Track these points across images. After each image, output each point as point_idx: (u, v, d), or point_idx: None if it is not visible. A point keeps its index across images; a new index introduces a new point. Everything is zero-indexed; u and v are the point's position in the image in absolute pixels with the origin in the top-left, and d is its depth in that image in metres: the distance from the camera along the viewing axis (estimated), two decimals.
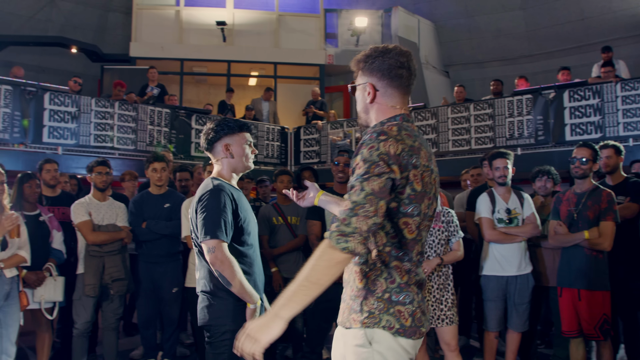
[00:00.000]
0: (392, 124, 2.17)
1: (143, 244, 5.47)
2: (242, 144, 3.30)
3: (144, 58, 14.93)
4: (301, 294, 1.99)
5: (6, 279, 4.33)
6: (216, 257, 3.03)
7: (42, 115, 9.50)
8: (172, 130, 11.06)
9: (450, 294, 4.59)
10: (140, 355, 6.18)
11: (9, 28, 14.84)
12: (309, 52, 15.93)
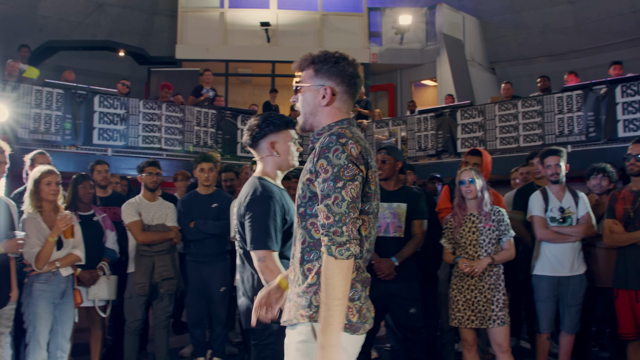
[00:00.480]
0: (343, 127, 2.20)
1: (191, 243, 5.51)
2: (288, 141, 3.22)
3: (189, 60, 15.14)
4: (337, 314, 2.00)
5: (62, 277, 4.42)
6: (266, 267, 2.99)
7: (92, 117, 9.70)
8: (219, 131, 11.16)
9: (501, 294, 4.49)
10: (189, 353, 6.24)
11: (60, 33, 15.21)
12: (352, 51, 15.62)
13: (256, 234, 3.03)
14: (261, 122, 3.22)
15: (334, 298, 2.00)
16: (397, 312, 4.73)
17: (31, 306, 4.31)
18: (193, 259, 5.49)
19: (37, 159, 5.28)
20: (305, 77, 2.35)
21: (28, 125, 9.10)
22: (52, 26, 15.25)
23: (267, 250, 3.00)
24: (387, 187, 4.90)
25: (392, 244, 4.73)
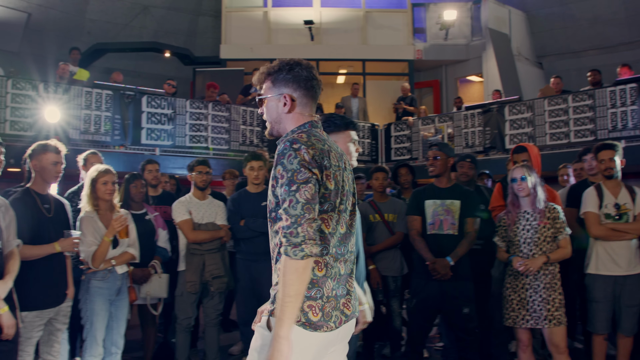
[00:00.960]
0: (301, 132, 2.33)
1: (241, 241, 5.50)
2: (347, 142, 3.24)
3: (234, 60, 15.24)
4: (288, 310, 2.13)
5: (117, 275, 4.47)
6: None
7: (140, 117, 9.87)
8: (264, 129, 11.15)
9: (557, 294, 4.37)
10: (239, 351, 6.26)
11: (107, 36, 15.51)
12: (397, 48, 15.74)
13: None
14: (323, 122, 3.18)
15: (286, 295, 2.13)
16: (450, 312, 4.68)
17: (89, 303, 4.38)
18: (243, 257, 5.49)
19: (89, 159, 5.36)
20: (265, 89, 2.46)
21: (79, 126, 9.29)
22: (99, 29, 15.54)
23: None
24: (440, 184, 4.86)
25: (446, 242, 4.70)
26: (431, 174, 4.92)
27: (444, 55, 16.02)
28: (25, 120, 8.91)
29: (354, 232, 2.46)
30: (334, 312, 2.28)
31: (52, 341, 4.07)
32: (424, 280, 4.74)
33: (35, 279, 3.79)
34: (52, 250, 3.90)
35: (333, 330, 2.27)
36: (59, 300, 4.00)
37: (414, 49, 15.78)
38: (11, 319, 3.35)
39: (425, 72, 16.75)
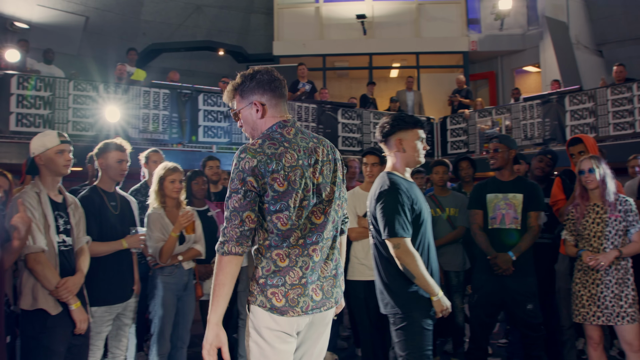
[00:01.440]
0: (260, 137, 2.50)
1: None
2: (415, 139, 3.44)
3: (286, 56, 15.25)
4: (215, 297, 2.38)
5: (184, 270, 4.52)
6: (402, 252, 3.26)
7: (197, 115, 9.98)
8: (320, 125, 11.19)
9: (630, 290, 4.19)
10: None
11: (161, 36, 15.76)
12: (451, 40, 15.51)
13: (388, 224, 3.30)
14: (392, 120, 3.48)
15: (215, 285, 2.39)
16: (513, 309, 4.57)
17: (157, 298, 4.44)
18: None
19: (151, 157, 5.44)
20: (236, 103, 2.64)
21: (137, 125, 9.45)
22: (154, 30, 15.82)
23: (399, 238, 3.27)
24: (502, 177, 4.77)
25: (508, 237, 4.60)
26: (492, 167, 4.81)
27: (499, 45, 15.69)
28: (86, 121, 9.12)
29: (330, 220, 2.58)
30: (300, 298, 2.46)
31: (120, 336, 4.14)
32: (485, 275, 4.65)
33: (104, 275, 3.86)
34: (120, 246, 3.97)
35: (300, 315, 2.47)
36: (127, 296, 4.06)
37: (469, 40, 15.52)
38: (83, 314, 3.42)
39: (480, 63, 16.46)
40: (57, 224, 3.41)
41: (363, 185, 5.24)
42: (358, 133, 11.69)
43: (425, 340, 3.34)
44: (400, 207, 3.30)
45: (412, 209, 3.36)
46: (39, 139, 3.49)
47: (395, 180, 3.40)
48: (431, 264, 3.45)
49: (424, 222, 3.44)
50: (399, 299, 3.38)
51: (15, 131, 8.65)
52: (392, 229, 3.28)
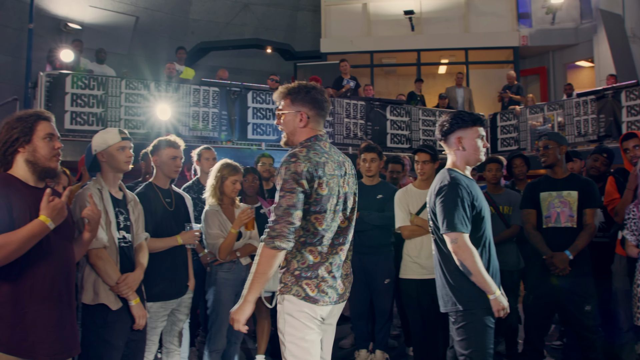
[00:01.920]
0: (303, 146, 2.84)
1: (355, 234, 5.46)
2: (475, 137, 3.43)
3: (334, 53, 15.25)
4: (256, 282, 2.74)
5: (242, 266, 4.56)
6: (459, 247, 3.24)
7: (246, 113, 10.05)
8: (368, 122, 11.14)
9: None
10: (349, 344, 6.23)
11: (210, 35, 15.95)
12: (501, 35, 15.27)
13: (446, 218, 3.29)
14: (451, 118, 3.48)
15: (257, 272, 2.73)
16: (570, 310, 4.43)
17: (215, 294, 4.49)
18: (356, 250, 5.43)
19: (203, 154, 5.48)
20: (284, 105, 2.95)
21: (188, 122, 9.57)
22: (202, 28, 16.02)
23: (458, 233, 3.25)
24: (554, 175, 4.64)
25: (564, 235, 4.47)
26: (544, 164, 4.70)
27: (550, 40, 15.38)
28: (138, 119, 9.27)
29: (352, 225, 2.99)
30: (329, 289, 2.83)
31: (174, 331, 4.19)
32: (541, 276, 4.52)
33: (159, 271, 3.89)
34: (175, 242, 4.00)
35: (328, 305, 2.84)
36: (181, 292, 4.09)
37: (519, 35, 15.25)
38: (142, 309, 3.46)
39: (531, 58, 16.16)
40: (118, 221, 3.45)
41: (416, 183, 5.19)
42: (407, 130, 11.59)
43: (487, 338, 3.30)
44: (460, 202, 3.29)
45: (472, 205, 3.34)
46: (100, 135, 3.54)
47: (455, 176, 3.38)
48: (492, 263, 3.42)
49: (484, 220, 3.40)
50: (460, 296, 3.33)
51: (69, 129, 8.85)
52: (451, 223, 3.27)
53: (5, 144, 2.72)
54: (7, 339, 2.52)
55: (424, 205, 4.97)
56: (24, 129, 2.73)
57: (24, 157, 2.74)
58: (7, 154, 2.73)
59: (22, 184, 2.71)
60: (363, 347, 5.59)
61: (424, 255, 4.88)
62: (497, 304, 3.27)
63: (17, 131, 2.72)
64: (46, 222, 2.59)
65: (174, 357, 4.21)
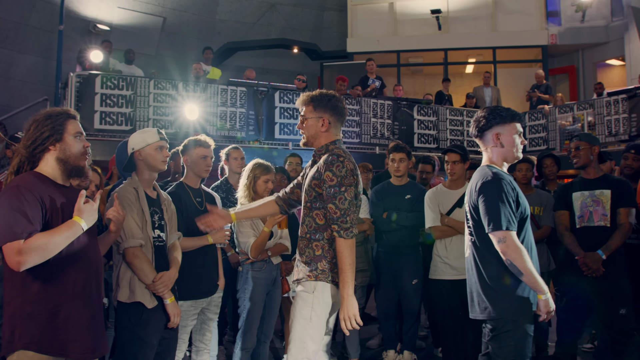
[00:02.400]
0: (337, 148, 3.17)
1: (383, 234, 5.45)
2: (513, 134, 3.32)
3: (360, 53, 15.22)
4: (349, 274, 2.93)
5: (273, 265, 4.58)
6: (507, 246, 3.08)
7: (273, 113, 10.06)
8: (395, 122, 11.10)
9: None
10: (376, 345, 6.22)
11: (236, 35, 16.01)
12: (529, 33, 15.10)
13: (492, 215, 3.14)
14: (488, 114, 3.37)
15: (346, 264, 2.94)
16: (604, 313, 4.35)
17: (247, 292, 4.51)
18: (385, 250, 5.43)
19: (231, 154, 5.49)
20: (307, 111, 3.24)
21: (215, 122, 9.62)
22: (229, 29, 16.09)
23: (505, 231, 3.09)
24: (587, 175, 4.59)
25: (597, 234, 4.41)
26: (576, 165, 4.63)
27: (580, 38, 15.16)
28: (166, 119, 9.34)
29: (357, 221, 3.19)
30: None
31: (204, 330, 4.20)
32: (574, 278, 4.44)
33: (190, 270, 3.90)
34: (205, 242, 4.01)
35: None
36: (212, 291, 4.11)
37: (548, 33, 15.07)
38: (177, 307, 3.48)
39: (560, 57, 15.94)
40: (153, 220, 3.48)
41: (446, 183, 5.15)
42: (434, 130, 11.52)
43: (527, 347, 3.16)
44: (505, 198, 3.13)
45: (516, 202, 3.18)
46: (139, 134, 3.57)
47: (497, 172, 3.23)
48: (534, 264, 3.23)
49: (526, 220, 3.27)
50: (502, 302, 3.15)
51: (99, 129, 8.96)
52: (497, 222, 3.10)
53: (35, 142, 2.72)
54: (39, 338, 2.55)
55: (455, 205, 4.95)
56: (55, 126, 2.74)
57: (55, 155, 2.74)
58: (37, 151, 2.73)
59: (51, 182, 2.72)
60: (391, 348, 5.57)
61: (454, 256, 4.85)
62: (546, 305, 3.11)
63: (48, 129, 2.72)
64: (80, 222, 2.60)
65: (203, 356, 4.22)
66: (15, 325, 2.54)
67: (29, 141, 2.72)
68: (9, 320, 2.55)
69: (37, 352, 2.53)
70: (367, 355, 5.91)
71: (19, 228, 2.46)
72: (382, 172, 6.86)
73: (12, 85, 13.05)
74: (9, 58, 12.96)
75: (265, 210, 3.74)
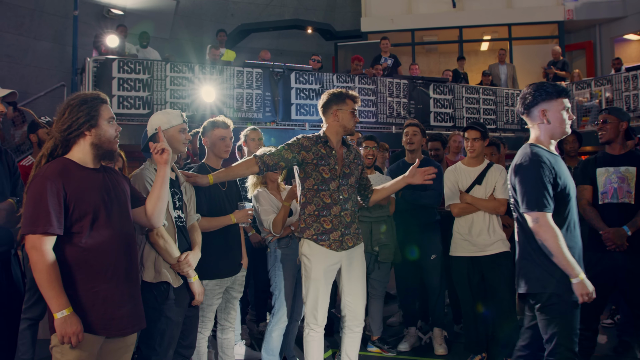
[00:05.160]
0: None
1: (401, 213, 5.46)
2: (560, 110, 3.28)
3: (375, 32, 15.13)
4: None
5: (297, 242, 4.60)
6: (540, 227, 3.10)
7: (289, 94, 10.06)
8: (411, 101, 11.05)
9: None
10: (397, 322, 6.27)
11: (249, 17, 15.96)
12: (545, 9, 14.93)
13: (527, 196, 3.17)
14: (534, 90, 3.32)
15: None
16: (628, 289, 4.33)
17: (277, 270, 4.60)
18: (403, 228, 5.45)
19: (249, 135, 5.50)
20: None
21: (232, 104, 9.64)
22: (242, 10, 16.02)
23: (539, 212, 3.11)
24: (612, 151, 4.52)
25: (621, 211, 4.36)
26: (601, 140, 4.57)
27: (597, 13, 14.98)
28: (183, 101, 9.36)
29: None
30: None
31: (229, 308, 4.26)
32: (598, 254, 4.40)
33: (215, 249, 3.97)
34: (229, 221, 4.05)
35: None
36: (236, 270, 4.16)
37: (564, 9, 14.90)
38: (201, 286, 3.55)
39: (577, 33, 15.76)
40: (174, 200, 3.52)
41: (465, 160, 5.15)
42: (450, 108, 11.46)
43: (575, 319, 3.17)
44: (541, 179, 3.14)
45: (555, 182, 3.18)
46: (163, 115, 3.60)
47: (537, 152, 3.23)
48: (577, 246, 3.27)
49: (570, 198, 3.27)
50: (544, 277, 3.18)
51: (117, 113, 8.94)
52: (531, 201, 3.14)
53: (71, 127, 2.76)
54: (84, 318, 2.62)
55: (474, 182, 4.95)
56: (91, 112, 2.79)
57: (90, 140, 2.79)
58: (72, 136, 2.77)
59: (79, 168, 2.76)
60: (412, 325, 5.60)
61: (475, 233, 4.86)
62: (581, 287, 3.07)
63: (83, 114, 2.77)
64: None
65: (229, 334, 4.29)
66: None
67: (64, 125, 2.76)
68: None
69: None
70: (389, 333, 5.95)
71: (40, 223, 2.55)
72: (400, 151, 6.86)
73: (28, 72, 13.11)
74: (24, 45, 13.01)
75: (245, 169, 3.93)
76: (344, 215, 4.00)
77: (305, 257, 3.95)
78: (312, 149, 3.96)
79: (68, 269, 2.64)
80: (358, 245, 4.10)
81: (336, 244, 3.95)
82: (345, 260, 4.02)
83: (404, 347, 5.47)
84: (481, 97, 11.71)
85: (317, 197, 3.97)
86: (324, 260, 3.93)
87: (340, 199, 3.99)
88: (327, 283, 3.98)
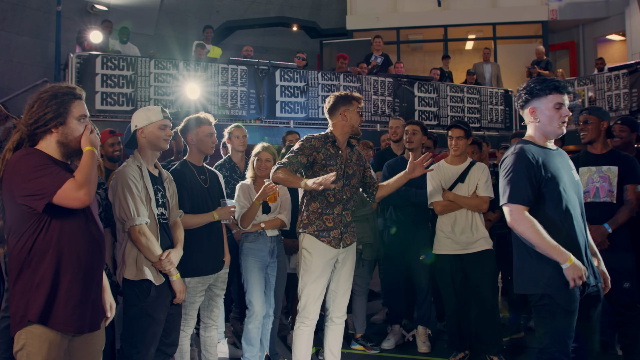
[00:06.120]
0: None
1: (392, 209, 5.47)
2: (550, 107, 3.22)
3: (360, 30, 15.16)
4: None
5: (267, 237, 4.63)
6: (514, 220, 3.11)
7: (274, 91, 10.05)
8: (396, 99, 11.07)
9: None
10: (381, 320, 6.27)
11: (234, 14, 15.88)
12: (529, 9, 15.01)
13: (504, 189, 3.19)
14: (524, 88, 3.34)
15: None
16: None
17: (244, 262, 4.62)
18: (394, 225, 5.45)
19: (233, 132, 5.49)
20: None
21: (216, 101, 9.60)
22: (227, 7, 15.95)
23: (513, 204, 3.12)
24: (594, 150, 4.57)
25: (602, 210, 4.40)
26: (583, 140, 4.61)
27: (580, 14, 15.08)
28: (167, 98, 9.32)
29: None
30: None
31: (212, 306, 4.25)
32: None
33: (197, 246, 3.95)
34: (211, 218, 4.04)
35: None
36: (218, 267, 4.14)
37: (548, 9, 14.99)
38: (182, 284, 3.53)
39: (560, 33, 15.87)
40: (156, 197, 3.50)
41: (448, 159, 5.15)
42: (434, 107, 11.49)
43: (568, 322, 3.06)
44: (519, 173, 3.12)
45: (540, 177, 3.12)
46: (143, 112, 3.57)
47: (522, 147, 3.19)
48: (574, 240, 3.14)
49: (562, 193, 3.15)
50: (535, 276, 3.13)
51: (100, 110, 8.94)
52: (506, 194, 3.15)
53: (37, 122, 2.62)
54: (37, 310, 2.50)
55: (457, 180, 4.97)
56: (59, 109, 2.63)
57: (56, 138, 2.65)
58: (38, 131, 2.63)
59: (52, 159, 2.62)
60: (396, 323, 5.61)
61: (458, 231, 4.88)
62: (572, 271, 2.95)
63: (51, 110, 2.62)
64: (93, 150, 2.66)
65: (212, 332, 4.28)
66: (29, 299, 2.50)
67: (31, 119, 2.62)
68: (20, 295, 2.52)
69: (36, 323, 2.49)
70: (373, 330, 5.95)
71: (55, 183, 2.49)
72: (384, 149, 6.85)
73: (11, 67, 12.97)
74: (7, 40, 12.86)
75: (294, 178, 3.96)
76: (345, 214, 4.14)
77: (306, 251, 4.05)
78: (322, 149, 4.05)
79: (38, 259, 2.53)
80: (354, 242, 4.26)
81: (335, 241, 4.05)
82: (341, 256, 4.13)
83: (387, 344, 5.46)
84: (465, 95, 11.77)
85: (321, 195, 4.05)
86: (323, 254, 4.03)
87: (343, 199, 4.11)
88: (324, 278, 4.07)
